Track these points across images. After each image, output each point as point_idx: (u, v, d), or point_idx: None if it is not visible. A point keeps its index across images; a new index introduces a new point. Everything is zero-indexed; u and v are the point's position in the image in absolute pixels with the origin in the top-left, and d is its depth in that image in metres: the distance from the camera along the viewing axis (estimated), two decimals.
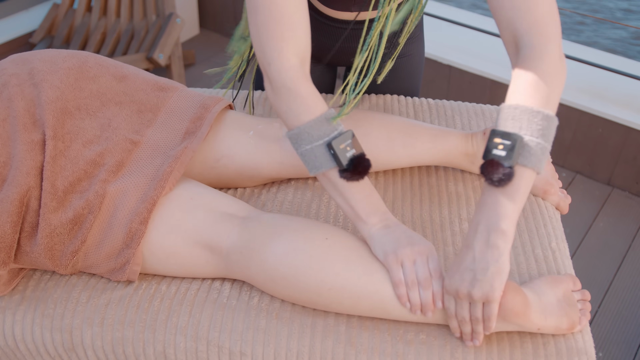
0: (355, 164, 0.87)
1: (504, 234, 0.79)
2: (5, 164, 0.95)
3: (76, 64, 1.05)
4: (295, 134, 0.88)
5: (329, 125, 0.87)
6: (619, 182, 2.17)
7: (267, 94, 0.91)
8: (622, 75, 2.16)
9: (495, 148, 0.79)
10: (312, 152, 0.88)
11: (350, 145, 0.87)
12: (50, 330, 0.95)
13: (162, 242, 0.94)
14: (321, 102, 0.89)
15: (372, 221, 0.90)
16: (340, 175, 0.88)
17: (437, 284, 0.87)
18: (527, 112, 0.80)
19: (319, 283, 0.88)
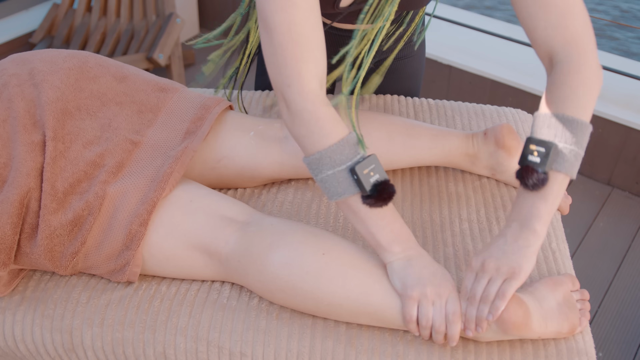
0: (380, 190, 0.84)
1: (535, 232, 0.83)
2: (6, 165, 0.95)
3: (76, 64, 1.05)
4: (317, 159, 0.85)
5: (351, 150, 0.84)
6: (619, 182, 2.17)
7: (283, 117, 0.88)
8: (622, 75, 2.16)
9: (531, 154, 0.83)
10: (334, 178, 0.84)
11: (374, 170, 0.84)
12: (50, 331, 0.95)
13: (161, 244, 0.94)
14: (342, 125, 0.86)
15: (395, 250, 0.87)
16: (363, 201, 0.85)
17: (452, 329, 0.84)
18: (561, 119, 0.83)
19: (315, 299, 0.88)
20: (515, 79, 2.21)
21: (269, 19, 0.83)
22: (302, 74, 0.84)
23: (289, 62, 0.84)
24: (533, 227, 0.83)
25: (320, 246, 0.90)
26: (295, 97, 0.85)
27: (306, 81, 0.84)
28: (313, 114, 0.84)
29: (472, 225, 1.09)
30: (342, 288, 0.87)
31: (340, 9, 1.00)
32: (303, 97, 0.84)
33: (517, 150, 1.13)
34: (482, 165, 1.16)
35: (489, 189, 1.17)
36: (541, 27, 0.86)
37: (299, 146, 0.87)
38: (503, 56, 2.32)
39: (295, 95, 0.84)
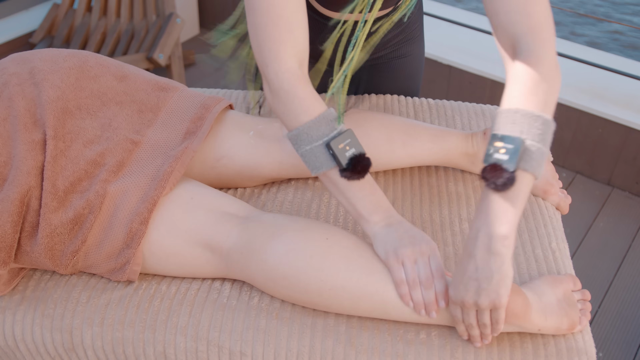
0: (355, 163, 0.87)
1: (505, 239, 0.77)
2: (6, 163, 0.95)
3: (77, 64, 1.05)
4: (295, 135, 0.88)
5: (327, 126, 0.87)
6: (619, 182, 2.17)
7: (266, 95, 0.91)
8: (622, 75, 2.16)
9: (497, 152, 0.78)
10: (312, 153, 0.88)
11: (349, 145, 0.87)
12: (50, 330, 0.95)
13: (162, 242, 0.94)
14: (320, 102, 0.89)
15: (374, 219, 0.90)
16: (341, 174, 0.88)
17: (439, 284, 0.87)
18: (527, 116, 0.78)
19: (319, 283, 0.88)
20: None
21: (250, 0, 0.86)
22: (279, 54, 0.86)
23: (267, 43, 0.86)
24: (502, 234, 0.77)
25: (323, 232, 0.92)
26: (273, 77, 0.87)
27: (283, 61, 0.86)
28: (290, 92, 0.87)
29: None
30: (345, 269, 0.88)
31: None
32: (280, 77, 0.87)
33: None
34: (482, 165, 1.16)
35: None
36: (504, 10, 0.83)
37: (281, 122, 0.90)
38: None
39: (272, 75, 0.87)
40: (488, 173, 0.78)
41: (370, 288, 0.88)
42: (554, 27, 0.85)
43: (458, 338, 0.89)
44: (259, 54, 0.88)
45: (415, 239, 0.88)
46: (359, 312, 0.90)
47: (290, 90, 0.87)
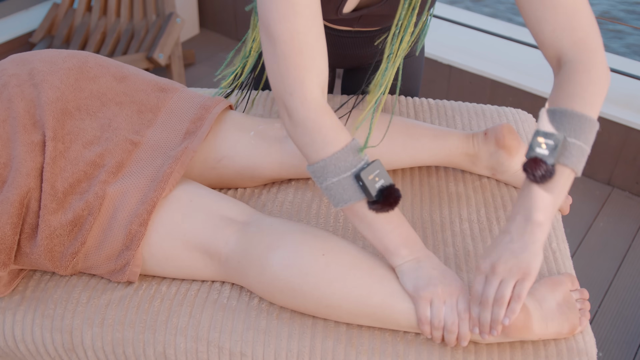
0: (386, 195, 0.84)
1: (540, 225, 0.81)
2: (5, 165, 0.95)
3: (76, 64, 1.05)
4: (321, 167, 0.84)
5: (355, 156, 0.84)
6: (619, 182, 2.17)
7: (285, 126, 0.88)
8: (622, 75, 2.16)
9: (539, 147, 0.82)
10: (340, 185, 0.84)
11: (379, 176, 0.84)
12: (50, 331, 0.95)
13: (161, 244, 0.94)
14: (345, 133, 0.86)
15: (403, 253, 0.88)
16: (370, 207, 0.85)
17: (463, 327, 0.85)
18: (570, 115, 0.82)
19: (315, 300, 0.88)
20: (515, 79, 2.21)
21: (271, 28, 0.83)
22: (305, 82, 0.84)
23: (291, 71, 0.83)
24: (538, 220, 0.81)
25: (320, 247, 0.90)
26: (297, 106, 0.84)
27: (309, 90, 0.84)
28: (316, 123, 0.84)
29: (472, 225, 1.09)
30: (341, 289, 0.87)
31: (342, 15, 1.00)
32: (305, 106, 0.84)
33: (518, 150, 1.13)
34: (483, 165, 1.16)
35: (489, 189, 1.17)
36: (549, 29, 0.86)
37: (303, 154, 0.87)
38: (503, 56, 2.32)
39: (298, 104, 0.84)
40: (529, 166, 0.81)
41: (369, 309, 0.87)
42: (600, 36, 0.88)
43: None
44: (281, 83, 0.84)
45: (446, 278, 0.87)
46: (359, 323, 0.90)
47: (317, 119, 0.84)
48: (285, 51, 0.83)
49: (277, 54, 0.84)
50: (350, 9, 1.00)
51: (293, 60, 0.83)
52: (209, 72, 2.81)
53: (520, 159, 1.14)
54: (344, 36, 1.17)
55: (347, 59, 1.25)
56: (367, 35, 1.18)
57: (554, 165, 0.81)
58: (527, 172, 0.82)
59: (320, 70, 0.85)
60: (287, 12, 0.81)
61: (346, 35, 1.17)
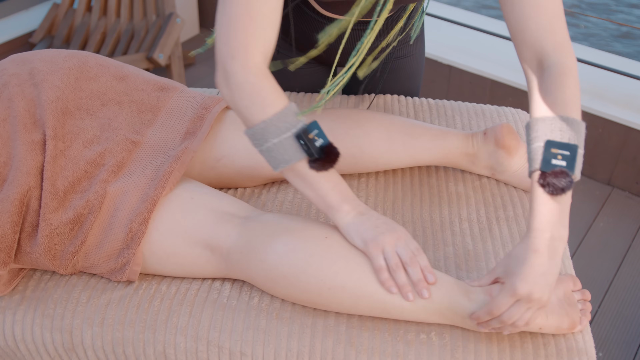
0: (327, 152, 0.86)
1: (563, 240, 0.83)
2: (6, 164, 0.95)
3: (76, 64, 1.05)
4: (261, 129, 0.85)
5: (294, 117, 0.86)
6: (619, 182, 2.17)
7: (221, 90, 0.88)
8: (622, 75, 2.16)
9: (555, 158, 0.82)
10: (281, 145, 0.85)
11: (318, 135, 0.86)
12: (50, 331, 0.95)
13: (162, 241, 0.94)
14: (283, 96, 0.87)
15: (345, 209, 0.90)
16: (310, 166, 0.87)
17: (422, 259, 0.88)
18: (569, 122, 0.84)
19: (318, 282, 0.88)
20: (515, 79, 2.21)
21: None
22: (249, 48, 0.85)
23: (239, 35, 0.84)
24: (563, 235, 0.83)
25: (322, 231, 0.92)
26: (237, 69, 0.85)
27: (251, 55, 0.85)
28: (255, 86, 0.85)
29: (472, 225, 1.09)
30: (344, 268, 0.88)
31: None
32: (246, 70, 0.85)
33: (517, 150, 1.13)
34: (482, 165, 1.16)
35: (489, 189, 1.17)
36: (532, 28, 0.87)
37: (241, 119, 0.88)
38: (503, 56, 2.33)
39: (238, 68, 0.85)
40: (549, 178, 0.81)
41: (370, 287, 0.88)
42: None
43: (458, 338, 0.89)
44: (225, 45, 0.85)
45: (391, 226, 0.89)
46: (359, 311, 0.90)
47: (256, 83, 0.85)
48: (238, 14, 0.84)
49: (228, 15, 0.85)
50: None
51: (242, 25, 0.84)
52: (209, 72, 2.81)
53: (520, 159, 1.14)
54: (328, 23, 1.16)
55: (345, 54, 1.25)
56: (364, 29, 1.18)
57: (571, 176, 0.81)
58: (548, 186, 0.82)
59: (267, 39, 0.86)
60: None
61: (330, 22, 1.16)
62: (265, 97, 0.85)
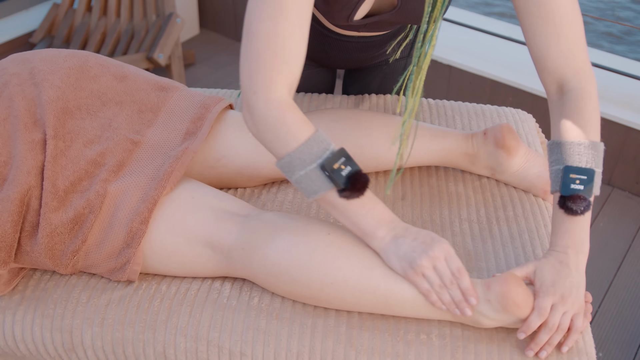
0: (353, 181, 0.85)
1: (585, 254, 0.90)
2: (6, 163, 0.95)
3: (77, 64, 1.05)
4: (287, 162, 0.85)
5: (319, 147, 0.85)
6: (619, 182, 2.17)
7: (248, 125, 0.87)
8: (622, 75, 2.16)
9: (573, 183, 0.89)
10: (308, 177, 0.85)
11: (344, 163, 0.85)
12: (50, 331, 0.95)
13: (163, 240, 0.94)
14: (308, 126, 0.86)
15: (380, 235, 0.88)
16: (340, 195, 0.86)
17: (463, 281, 0.86)
18: (589, 146, 0.89)
19: (321, 277, 0.88)
20: (515, 79, 2.21)
21: (253, 26, 0.83)
22: (271, 83, 0.84)
23: (261, 70, 0.84)
24: (585, 251, 0.90)
25: (325, 228, 0.92)
26: (260, 104, 0.84)
27: (273, 90, 0.84)
28: (277, 120, 0.84)
29: (472, 225, 1.09)
30: (347, 263, 0.88)
31: (353, 22, 1.01)
32: (268, 105, 0.84)
33: (517, 150, 1.13)
34: (482, 165, 1.16)
35: (489, 189, 1.17)
36: (553, 56, 0.91)
37: (269, 151, 0.88)
38: (503, 56, 2.33)
39: (260, 103, 0.84)
40: (568, 203, 0.88)
41: (373, 282, 0.88)
42: None
43: (458, 339, 0.89)
44: (248, 79, 0.85)
45: (427, 245, 0.87)
46: (361, 306, 0.90)
47: (278, 117, 0.84)
48: (260, 50, 0.83)
49: (251, 51, 0.84)
50: (361, 16, 1.00)
51: (265, 60, 0.83)
52: (209, 72, 2.81)
53: (520, 159, 1.14)
54: (348, 41, 1.17)
55: (349, 62, 1.26)
56: (371, 40, 1.18)
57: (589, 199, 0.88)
58: (568, 209, 0.88)
59: (291, 72, 0.85)
60: (273, 13, 0.82)
61: (350, 39, 1.17)
62: (288, 131, 0.84)
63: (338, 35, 1.16)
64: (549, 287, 0.86)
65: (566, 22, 0.89)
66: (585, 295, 0.95)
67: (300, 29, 0.84)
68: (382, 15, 1.02)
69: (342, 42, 1.18)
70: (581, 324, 0.88)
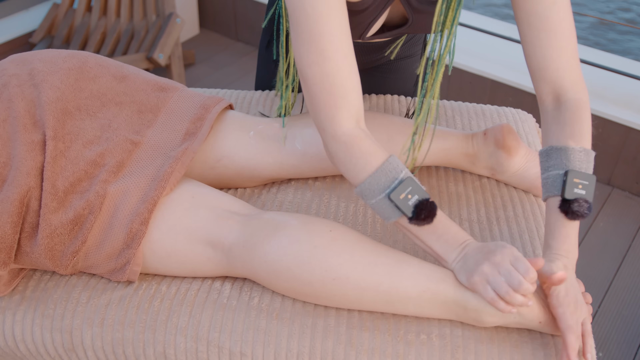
0: (419, 211, 0.87)
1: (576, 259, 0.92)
2: (6, 164, 0.95)
3: (76, 65, 1.05)
4: (359, 192, 0.90)
5: (386, 177, 0.87)
6: (619, 182, 2.17)
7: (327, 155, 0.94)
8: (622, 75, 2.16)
9: (576, 188, 0.90)
10: (379, 205, 0.88)
11: (411, 192, 0.87)
12: (50, 331, 0.95)
13: (163, 240, 0.94)
14: (377, 154, 0.89)
15: (452, 257, 0.90)
16: (410, 222, 0.88)
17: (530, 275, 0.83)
18: (585, 153, 0.91)
19: (323, 273, 0.88)
20: (515, 79, 2.21)
21: (303, 72, 0.88)
22: (334, 119, 0.89)
23: (322, 110, 0.89)
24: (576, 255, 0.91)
25: (326, 225, 0.93)
26: (329, 140, 0.90)
27: (338, 125, 0.89)
28: (347, 153, 0.89)
29: (472, 225, 1.09)
30: (349, 259, 0.89)
31: (366, 39, 1.03)
32: (336, 140, 0.90)
33: (517, 151, 1.13)
34: (482, 165, 1.16)
35: (489, 189, 1.17)
36: (553, 67, 0.93)
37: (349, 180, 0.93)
38: (503, 56, 2.33)
39: (329, 138, 0.90)
40: (573, 207, 0.89)
41: (376, 279, 0.88)
42: None
43: (458, 339, 0.89)
44: (316, 119, 0.91)
45: (489, 252, 0.86)
46: (363, 303, 0.90)
47: (347, 150, 0.89)
48: (316, 92, 0.88)
49: (309, 93, 0.89)
50: (374, 32, 1.02)
51: (322, 100, 0.88)
52: (209, 72, 2.81)
53: (520, 159, 1.14)
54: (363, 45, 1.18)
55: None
56: (375, 43, 1.19)
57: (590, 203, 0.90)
58: (570, 213, 0.89)
59: (351, 104, 0.89)
60: (317, 57, 0.86)
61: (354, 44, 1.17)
62: (357, 163, 0.89)
63: None
64: (564, 298, 0.86)
65: (566, 36, 0.92)
66: (585, 295, 0.95)
67: (345, 60, 0.87)
68: (393, 31, 1.03)
69: None
70: (590, 327, 0.88)
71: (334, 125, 0.89)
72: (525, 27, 0.93)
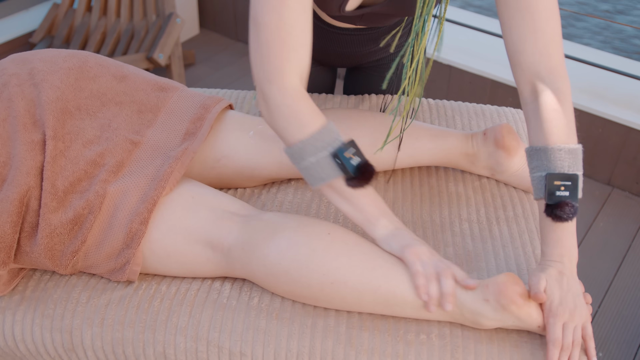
0: (362, 171, 0.88)
1: (576, 260, 0.90)
2: (5, 164, 0.95)
3: (76, 64, 1.05)
4: (299, 148, 0.88)
5: (330, 136, 0.88)
6: (619, 182, 2.17)
7: (262, 112, 0.90)
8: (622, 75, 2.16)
9: (558, 190, 0.88)
10: (318, 164, 0.88)
11: (355, 154, 0.88)
12: (50, 331, 0.95)
13: (163, 240, 0.94)
14: (320, 116, 0.89)
15: (383, 223, 0.91)
16: (347, 183, 0.89)
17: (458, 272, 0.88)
18: (570, 151, 0.88)
19: (321, 277, 0.88)
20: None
21: (259, 17, 0.86)
22: (284, 72, 0.87)
23: (272, 60, 0.86)
24: (576, 255, 0.90)
25: (324, 227, 0.93)
26: (274, 93, 0.87)
27: (287, 78, 0.87)
28: (292, 108, 0.87)
29: (472, 225, 1.09)
30: (347, 263, 0.89)
31: (345, 12, 1.01)
32: (282, 93, 0.87)
33: (517, 151, 1.13)
34: (482, 165, 1.16)
35: (489, 189, 1.17)
36: (528, 51, 0.89)
37: (280, 138, 0.91)
38: (503, 56, 2.32)
39: (275, 91, 0.87)
40: (555, 211, 0.87)
41: (374, 282, 0.88)
42: None
43: (458, 339, 0.89)
44: (262, 70, 0.87)
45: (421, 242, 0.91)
46: (362, 306, 0.90)
47: (292, 105, 0.87)
48: (269, 40, 0.86)
49: (260, 41, 0.86)
50: (354, 7, 1.00)
51: (275, 50, 0.86)
52: (209, 72, 2.81)
53: (520, 159, 1.14)
54: (346, 34, 1.17)
55: (349, 58, 1.25)
56: (369, 33, 1.18)
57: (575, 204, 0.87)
58: (554, 216, 0.88)
59: (301, 60, 0.88)
60: (276, 3, 0.84)
61: (348, 32, 1.17)
62: (302, 118, 0.88)
63: (335, 28, 1.16)
64: (557, 308, 0.86)
65: (544, 17, 0.87)
66: (585, 296, 0.95)
67: (303, 14, 0.86)
68: (373, 6, 1.02)
69: (340, 35, 1.18)
70: (591, 330, 0.88)
71: (283, 77, 0.86)
72: (501, 6, 0.89)
